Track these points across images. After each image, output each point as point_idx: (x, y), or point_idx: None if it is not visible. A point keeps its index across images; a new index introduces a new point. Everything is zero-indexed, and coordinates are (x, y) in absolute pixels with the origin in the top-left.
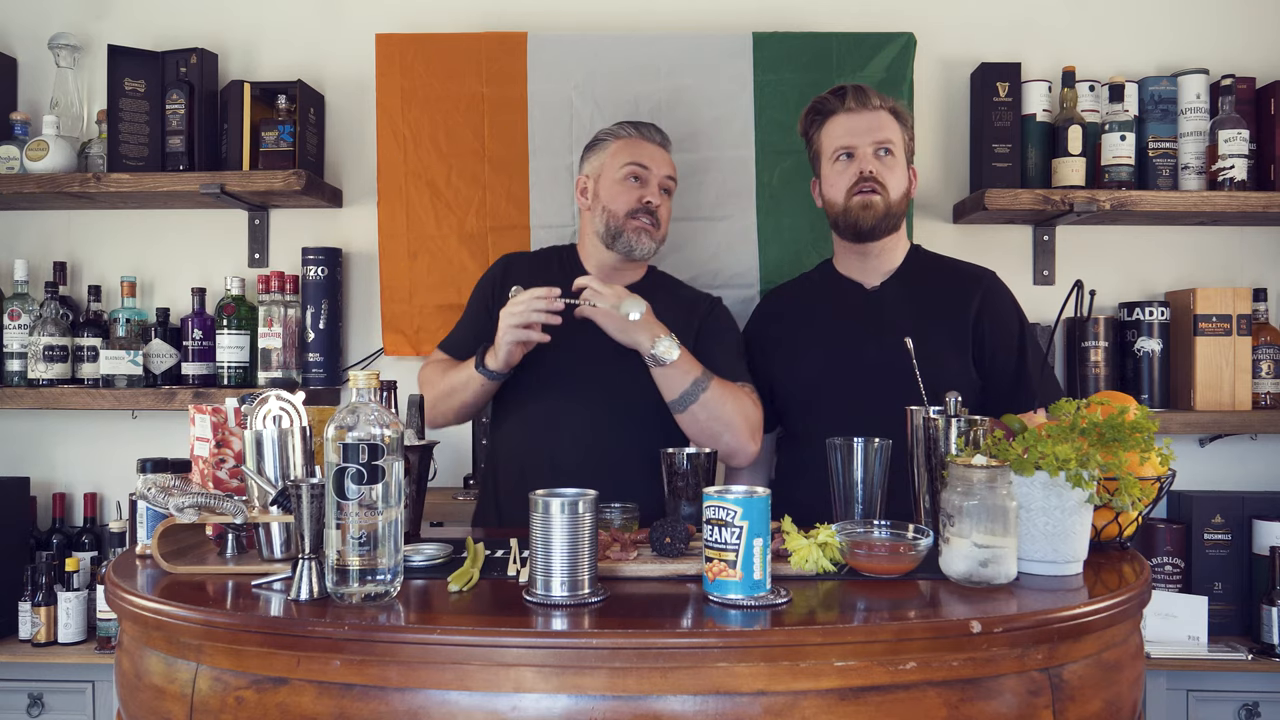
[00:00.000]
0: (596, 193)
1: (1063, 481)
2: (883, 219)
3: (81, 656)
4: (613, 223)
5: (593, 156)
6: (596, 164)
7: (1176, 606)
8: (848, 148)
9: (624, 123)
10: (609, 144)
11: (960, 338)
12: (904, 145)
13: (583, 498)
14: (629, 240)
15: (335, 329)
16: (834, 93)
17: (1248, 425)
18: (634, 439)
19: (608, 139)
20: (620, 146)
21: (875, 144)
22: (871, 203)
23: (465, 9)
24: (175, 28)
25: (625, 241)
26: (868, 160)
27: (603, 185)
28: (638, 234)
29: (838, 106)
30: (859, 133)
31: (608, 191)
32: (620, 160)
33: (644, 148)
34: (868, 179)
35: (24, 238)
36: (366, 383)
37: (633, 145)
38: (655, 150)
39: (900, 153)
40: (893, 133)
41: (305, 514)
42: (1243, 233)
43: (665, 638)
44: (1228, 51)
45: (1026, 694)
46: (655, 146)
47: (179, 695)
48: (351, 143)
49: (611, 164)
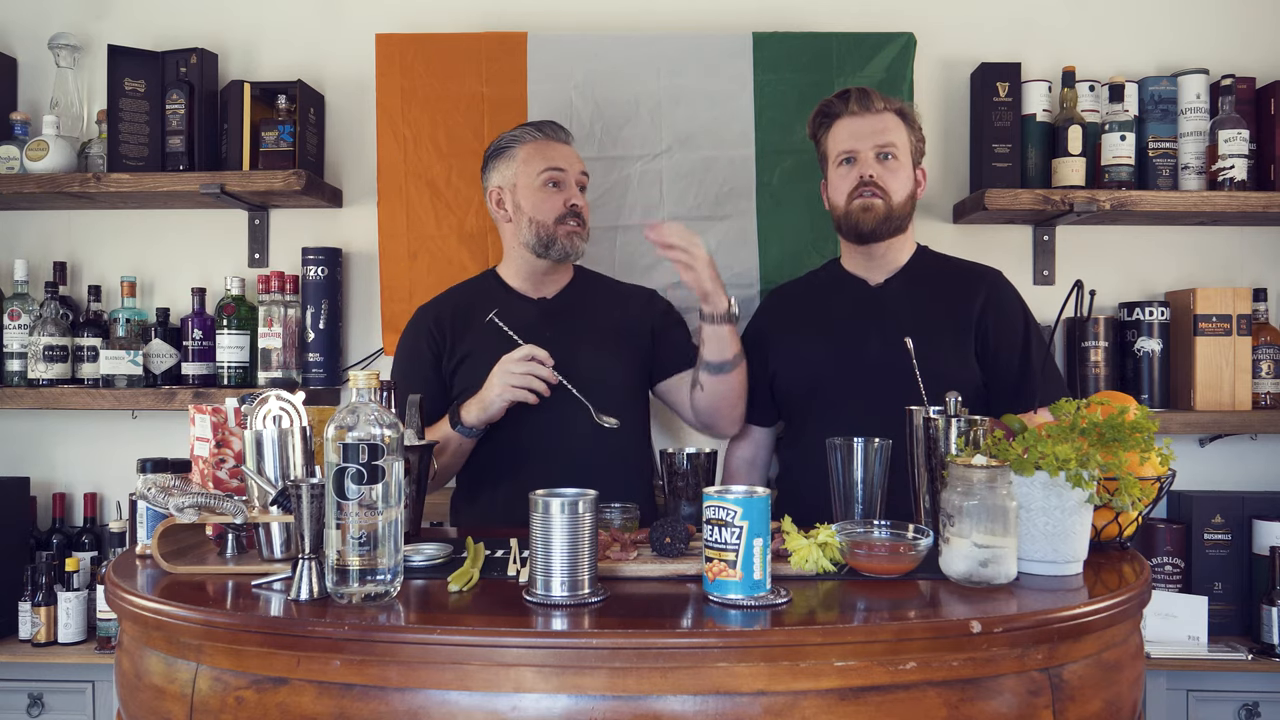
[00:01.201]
0: (517, 203)
1: (1063, 481)
2: (883, 221)
3: (81, 656)
4: (543, 232)
5: (501, 165)
6: (509, 173)
7: (1176, 606)
8: (850, 152)
9: (526, 125)
10: (516, 150)
11: (964, 335)
12: (910, 147)
13: (583, 498)
14: (563, 246)
15: (335, 329)
16: (839, 96)
17: (1248, 425)
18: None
19: (514, 145)
20: (530, 151)
21: (876, 148)
22: (871, 206)
23: (465, 9)
24: (175, 28)
25: (560, 248)
26: (868, 164)
27: (522, 195)
28: (569, 238)
29: (842, 110)
30: (861, 136)
31: (529, 201)
32: (535, 167)
33: (554, 149)
34: (868, 183)
35: (24, 238)
36: (366, 383)
37: (543, 148)
38: (564, 149)
39: (904, 155)
40: (896, 135)
41: (305, 514)
42: (1243, 233)
43: (665, 638)
44: (1228, 51)
45: (1026, 694)
46: (563, 145)
47: (179, 695)
48: (351, 143)
49: (526, 171)
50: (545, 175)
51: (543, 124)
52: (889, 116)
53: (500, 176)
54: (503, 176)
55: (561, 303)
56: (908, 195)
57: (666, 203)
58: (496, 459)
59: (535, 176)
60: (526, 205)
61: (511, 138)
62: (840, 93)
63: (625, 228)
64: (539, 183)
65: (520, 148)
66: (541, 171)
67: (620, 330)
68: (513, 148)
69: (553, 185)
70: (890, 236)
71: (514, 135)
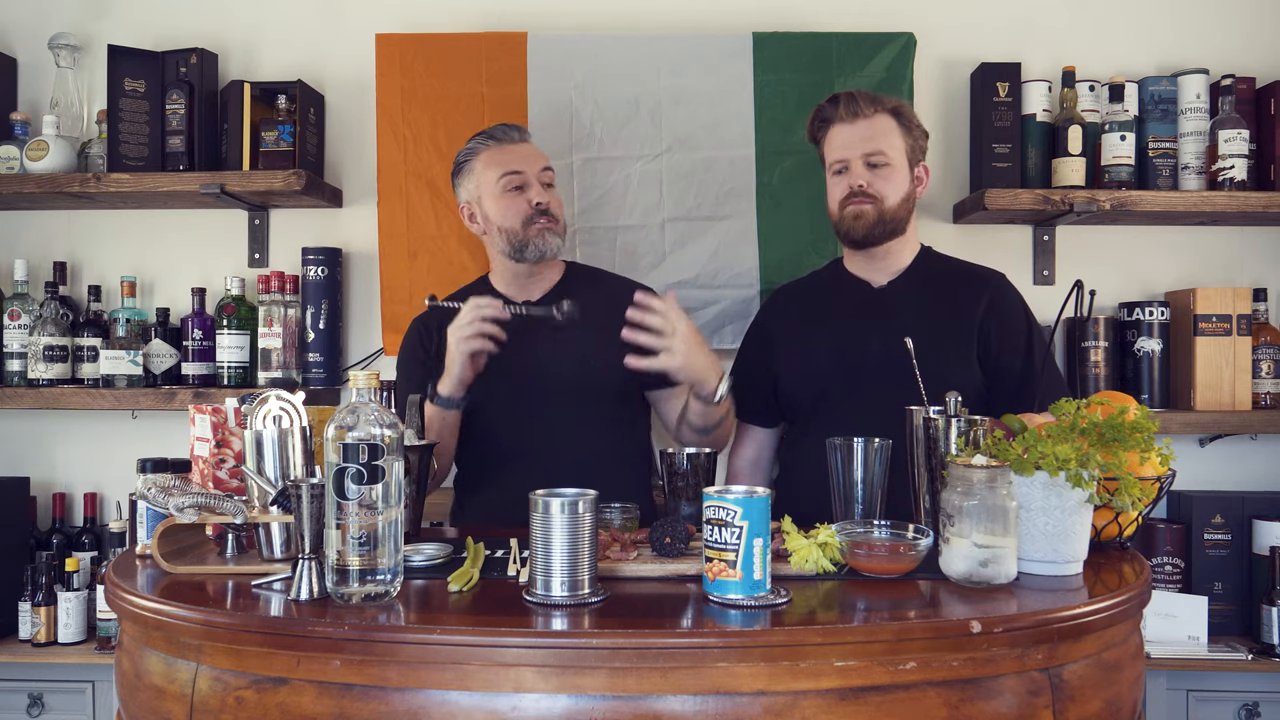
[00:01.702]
0: (486, 215)
1: (1063, 481)
2: (874, 227)
3: (81, 656)
4: (514, 238)
5: (465, 181)
6: (472, 187)
7: (1176, 606)
8: (841, 161)
9: (479, 135)
10: (474, 163)
11: (966, 338)
12: (904, 149)
13: (583, 498)
14: (535, 246)
15: (335, 329)
16: (830, 101)
17: (1248, 425)
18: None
19: (470, 158)
20: (486, 160)
21: (865, 155)
22: (862, 213)
23: (465, 9)
24: (175, 28)
25: (533, 248)
26: (858, 174)
27: (488, 205)
28: (541, 235)
29: (833, 115)
30: (851, 145)
31: (495, 209)
32: (493, 174)
33: (508, 152)
34: (858, 192)
35: (24, 238)
36: (366, 383)
37: (497, 154)
38: (520, 149)
39: (898, 157)
40: (886, 140)
41: (305, 514)
42: (1243, 233)
43: (665, 638)
44: (1228, 51)
45: (1026, 694)
46: (518, 145)
47: (179, 695)
48: (351, 143)
49: (485, 180)
50: (504, 180)
51: (494, 129)
52: (880, 120)
53: (466, 191)
54: (468, 191)
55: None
56: (902, 198)
57: (666, 203)
58: (496, 459)
59: (495, 184)
60: (494, 214)
61: (468, 151)
62: (831, 97)
63: (625, 228)
64: (499, 189)
65: (476, 159)
66: (500, 178)
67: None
68: (470, 160)
69: (514, 189)
70: (886, 240)
71: (469, 148)
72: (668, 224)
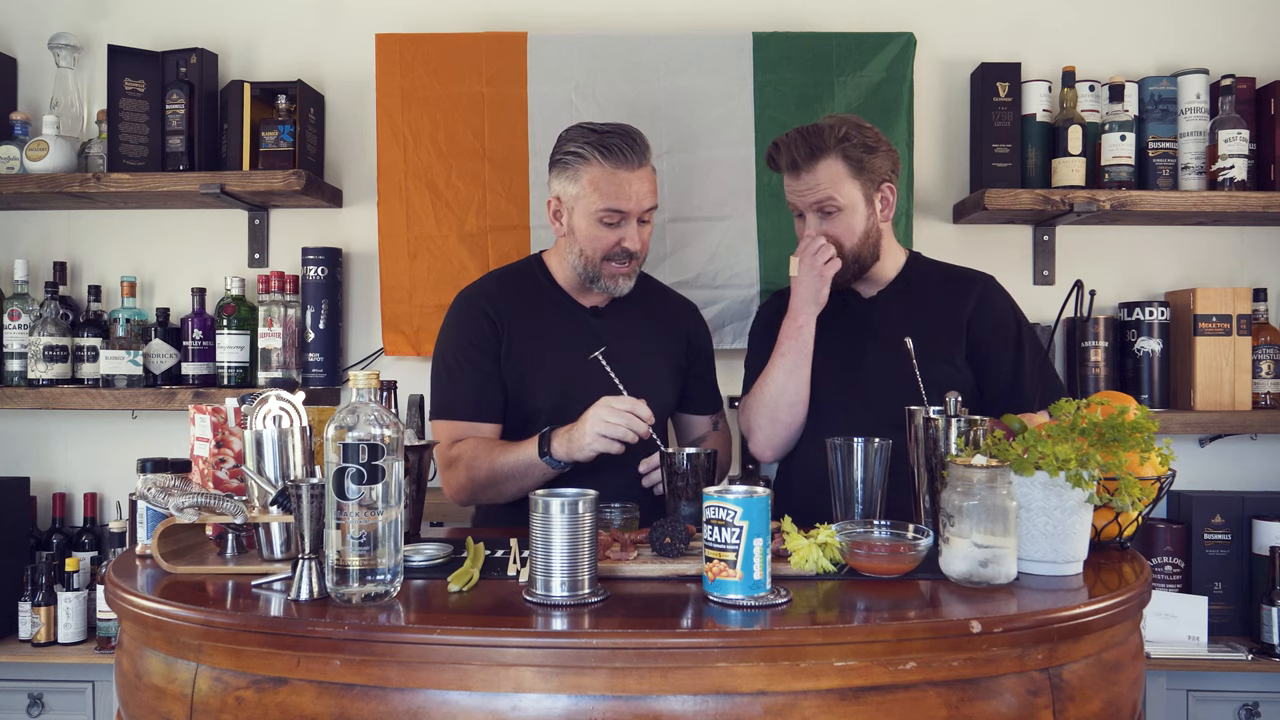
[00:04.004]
0: (571, 226)
1: (1063, 481)
2: (840, 273)
3: (81, 656)
4: (589, 267)
5: (565, 180)
6: (570, 192)
7: (1176, 606)
8: (794, 207)
9: (595, 143)
10: (581, 172)
11: (954, 340)
12: (857, 186)
13: (583, 498)
14: (606, 285)
15: (335, 329)
16: (773, 147)
17: (1248, 425)
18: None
19: (579, 165)
20: (595, 179)
21: (813, 205)
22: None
23: (465, 9)
24: (175, 28)
25: (603, 285)
26: (811, 224)
27: (577, 220)
28: (614, 278)
29: (778, 165)
30: (798, 194)
31: (582, 230)
32: (595, 202)
33: (622, 181)
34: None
35: (24, 238)
36: (366, 383)
37: (609, 179)
38: (633, 179)
39: (849, 198)
40: (834, 186)
41: (305, 514)
42: (1243, 233)
43: (665, 638)
44: (1228, 51)
45: (1026, 694)
46: (632, 173)
47: (179, 695)
48: (351, 143)
49: (586, 199)
50: (603, 214)
51: (610, 137)
52: (823, 168)
53: (560, 187)
54: (563, 189)
55: (614, 313)
56: (861, 234)
57: (667, 203)
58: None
59: (593, 209)
60: (580, 233)
61: (577, 155)
62: (773, 144)
63: None
64: (596, 218)
65: (585, 171)
66: (600, 209)
67: (667, 351)
68: (578, 167)
69: (609, 225)
70: (860, 276)
71: (579, 152)
72: (668, 224)
